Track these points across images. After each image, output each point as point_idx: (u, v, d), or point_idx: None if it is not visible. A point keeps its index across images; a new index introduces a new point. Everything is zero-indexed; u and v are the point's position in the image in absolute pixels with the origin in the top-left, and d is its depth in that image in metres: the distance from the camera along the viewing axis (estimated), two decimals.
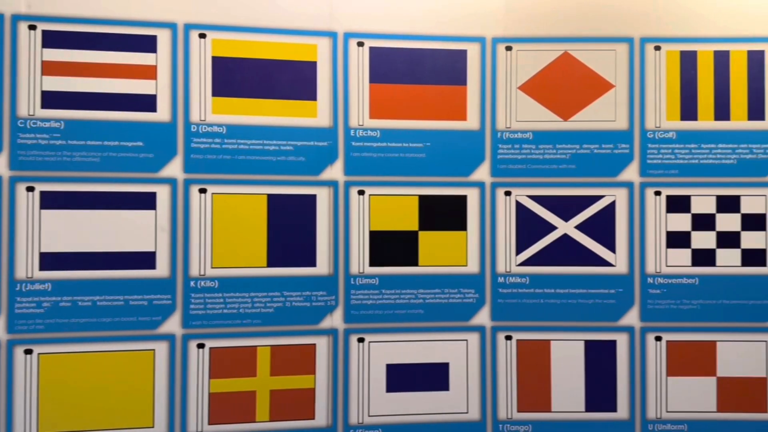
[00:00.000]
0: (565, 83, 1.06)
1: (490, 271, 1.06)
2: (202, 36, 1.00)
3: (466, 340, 1.06)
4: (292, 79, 1.01)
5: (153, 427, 0.98)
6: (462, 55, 1.05)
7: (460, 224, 1.06)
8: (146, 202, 0.98)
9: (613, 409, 1.05)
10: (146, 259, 0.98)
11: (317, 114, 1.02)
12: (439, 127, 1.05)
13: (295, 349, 1.02)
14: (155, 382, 0.98)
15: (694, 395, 1.05)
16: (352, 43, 1.03)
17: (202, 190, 0.99)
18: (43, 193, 0.95)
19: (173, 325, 0.98)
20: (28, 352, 0.94)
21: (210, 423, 0.99)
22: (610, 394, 1.05)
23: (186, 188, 0.99)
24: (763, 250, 1.05)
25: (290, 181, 1.01)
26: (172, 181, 0.98)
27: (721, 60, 1.05)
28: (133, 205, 0.97)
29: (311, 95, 1.02)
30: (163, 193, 0.98)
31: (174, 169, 0.98)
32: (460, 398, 1.05)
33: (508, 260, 1.06)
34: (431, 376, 1.05)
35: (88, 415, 0.96)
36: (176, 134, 0.98)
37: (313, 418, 1.02)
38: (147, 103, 0.98)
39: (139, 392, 0.97)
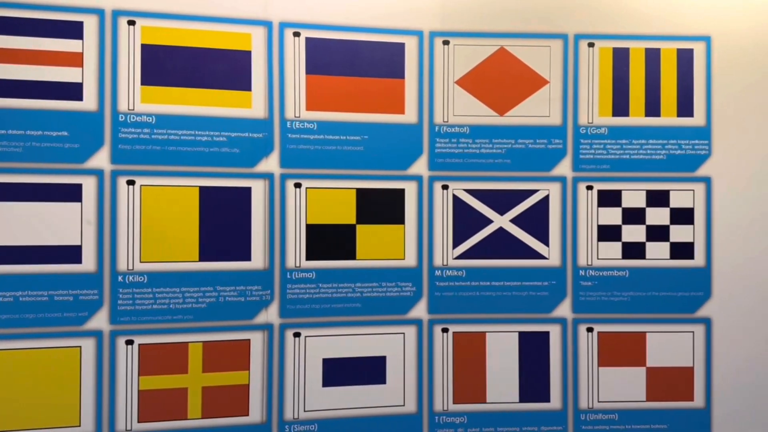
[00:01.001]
0: (501, 78, 1.06)
1: (428, 264, 1.06)
2: (131, 23, 0.96)
3: (404, 333, 1.06)
4: (225, 69, 0.99)
5: (80, 426, 0.95)
6: (400, 48, 1.05)
7: (398, 218, 1.06)
8: (71, 194, 0.94)
9: (547, 399, 1.07)
10: (72, 253, 0.94)
11: (252, 105, 1.00)
12: (377, 120, 1.05)
13: (228, 345, 1.00)
14: (82, 379, 0.94)
15: (625, 385, 1.08)
16: (288, 33, 1.02)
17: (131, 182, 0.96)
18: None
19: (100, 321, 0.95)
20: None
21: (140, 421, 0.97)
22: (544, 384, 1.07)
23: (113, 180, 0.95)
24: (691, 244, 1.08)
25: (224, 173, 0.99)
26: (98, 173, 0.95)
27: (653, 57, 1.08)
28: (57, 197, 0.94)
29: (245, 85, 1.00)
30: (89, 185, 0.95)
31: (101, 160, 0.95)
32: (397, 391, 1.06)
33: (445, 254, 1.07)
34: (368, 370, 1.05)
35: (11, 414, 0.92)
36: (103, 124, 0.95)
37: (248, 415, 1.01)
38: (72, 91, 0.95)
39: (64, 390, 0.94)
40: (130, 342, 0.96)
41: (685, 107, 1.08)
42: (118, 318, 0.96)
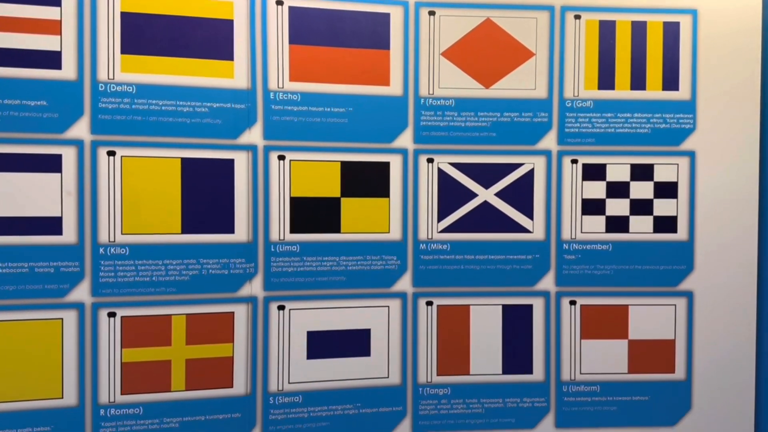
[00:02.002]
0: (487, 50, 1.06)
1: (412, 238, 1.06)
2: None
3: (388, 306, 1.06)
4: (206, 38, 0.97)
5: (62, 398, 0.94)
6: (385, 18, 1.04)
7: (383, 191, 1.05)
8: (51, 164, 0.93)
9: (529, 371, 1.08)
10: (52, 225, 0.93)
11: (234, 75, 0.99)
12: (362, 92, 1.04)
13: (212, 318, 1.00)
14: (64, 351, 0.94)
15: (607, 357, 1.09)
16: (271, 1, 1.00)
17: (111, 153, 0.95)
18: None
19: (82, 293, 0.95)
20: None
21: (123, 393, 0.96)
22: (527, 356, 1.08)
23: (93, 150, 0.94)
24: (674, 218, 1.08)
25: (206, 145, 0.98)
26: (78, 143, 0.94)
27: (638, 30, 1.07)
28: (36, 168, 0.92)
29: (228, 55, 0.98)
30: (68, 156, 0.93)
31: (80, 130, 0.94)
32: (381, 364, 1.06)
33: (430, 227, 1.07)
34: (352, 343, 1.05)
35: None
36: (83, 93, 0.93)
37: (232, 387, 1.01)
38: (51, 59, 0.93)
39: (46, 362, 0.93)
40: (112, 314, 0.96)
41: (670, 81, 1.08)
42: (99, 290, 0.95)
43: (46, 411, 0.94)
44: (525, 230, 1.07)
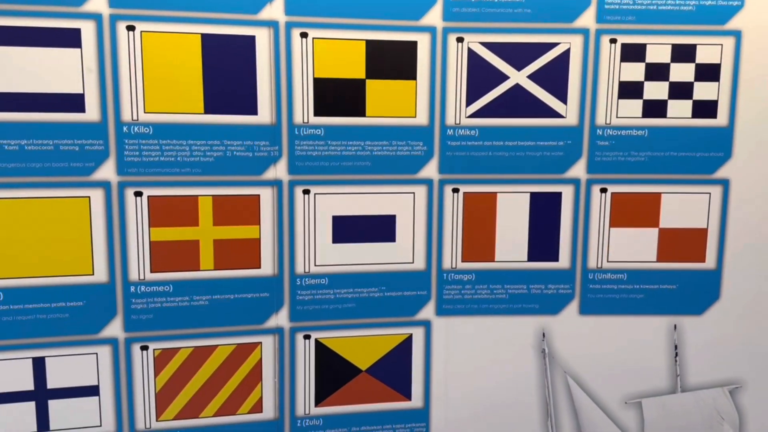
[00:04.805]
0: None
1: (440, 122, 1.03)
2: None
3: (414, 192, 1.05)
4: None
5: (93, 274, 0.96)
6: None
7: (410, 73, 1.01)
8: (70, 39, 0.90)
9: (555, 258, 1.07)
10: (74, 102, 0.92)
11: None
12: None
13: (238, 200, 1.00)
14: (92, 229, 0.95)
15: (636, 246, 1.07)
16: None
17: (130, 27, 0.92)
18: None
19: (108, 171, 0.94)
20: None
21: (152, 271, 0.98)
22: (553, 244, 1.07)
23: (112, 24, 0.91)
24: (715, 102, 1.03)
25: (225, 20, 0.94)
26: (96, 17, 0.90)
27: None
28: (56, 43, 0.90)
29: None
30: (88, 30, 0.90)
31: (98, 3, 0.90)
32: (406, 249, 1.06)
33: (458, 112, 1.03)
34: (378, 228, 1.05)
35: (24, 261, 0.94)
36: None
37: (259, 267, 1.02)
38: None
39: (76, 239, 0.95)
40: (138, 194, 0.96)
41: None
42: (125, 169, 0.95)
43: (78, 287, 0.96)
44: (558, 115, 1.03)
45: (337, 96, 1.00)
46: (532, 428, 1.11)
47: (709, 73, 1.02)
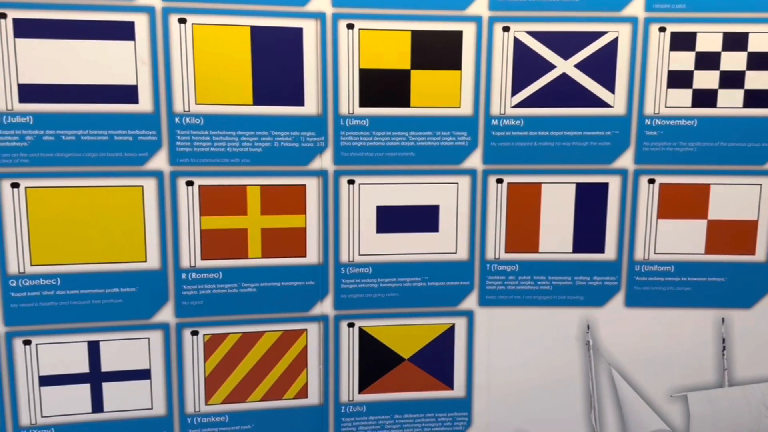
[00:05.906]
0: None
1: (484, 113, 1.03)
2: None
3: (457, 183, 1.05)
4: None
5: (146, 261, 0.99)
6: None
7: (455, 63, 1.01)
8: (124, 32, 0.93)
9: (601, 250, 1.06)
10: (128, 93, 0.94)
11: None
12: None
13: (285, 190, 1.01)
14: (145, 217, 0.98)
15: (683, 237, 1.06)
16: None
17: (182, 20, 0.94)
18: (16, 21, 0.90)
19: (160, 161, 0.97)
20: (15, 186, 0.94)
21: (203, 258, 1.01)
22: (599, 236, 1.06)
23: (165, 18, 0.93)
24: (767, 91, 1.01)
25: (274, 12, 0.96)
26: (149, 10, 0.93)
27: None
28: (110, 36, 0.92)
29: None
30: (141, 23, 0.93)
31: None
32: (450, 239, 1.06)
33: (503, 102, 1.03)
34: (421, 218, 1.05)
35: (80, 248, 0.97)
36: None
37: (305, 256, 1.04)
38: None
39: (130, 227, 0.98)
40: (190, 183, 0.98)
41: None
42: (177, 159, 0.97)
43: (131, 273, 0.99)
44: (605, 104, 1.02)
45: (383, 87, 1.01)
46: (575, 421, 1.10)
47: (761, 61, 1.00)
